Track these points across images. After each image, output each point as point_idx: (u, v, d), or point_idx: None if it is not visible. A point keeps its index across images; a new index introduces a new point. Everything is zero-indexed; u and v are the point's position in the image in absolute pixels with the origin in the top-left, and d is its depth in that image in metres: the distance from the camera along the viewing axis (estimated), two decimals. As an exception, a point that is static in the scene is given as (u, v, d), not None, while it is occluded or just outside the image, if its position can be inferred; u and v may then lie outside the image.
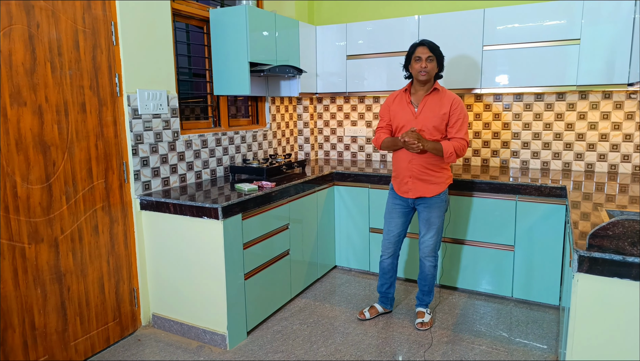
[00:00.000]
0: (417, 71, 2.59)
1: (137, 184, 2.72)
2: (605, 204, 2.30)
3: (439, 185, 2.68)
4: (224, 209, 2.47)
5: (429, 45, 2.57)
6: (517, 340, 2.65)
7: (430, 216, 2.72)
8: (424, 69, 2.56)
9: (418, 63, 2.58)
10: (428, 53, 2.56)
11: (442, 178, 2.69)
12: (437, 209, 2.71)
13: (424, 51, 2.57)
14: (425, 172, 2.65)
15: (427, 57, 2.56)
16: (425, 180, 2.66)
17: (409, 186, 2.70)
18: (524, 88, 3.18)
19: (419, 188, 2.68)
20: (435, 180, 2.67)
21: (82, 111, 2.41)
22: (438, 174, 2.67)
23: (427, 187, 2.67)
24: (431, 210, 2.71)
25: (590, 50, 2.92)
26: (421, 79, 2.60)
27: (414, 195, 2.70)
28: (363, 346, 2.61)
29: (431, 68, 2.58)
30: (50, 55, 2.24)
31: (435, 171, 2.66)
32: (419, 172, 2.66)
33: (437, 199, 2.70)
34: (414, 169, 2.66)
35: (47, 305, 2.32)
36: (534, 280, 3.02)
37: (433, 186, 2.67)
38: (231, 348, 2.61)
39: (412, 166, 2.66)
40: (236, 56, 3.07)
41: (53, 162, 2.29)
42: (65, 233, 2.38)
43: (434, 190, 2.68)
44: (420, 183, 2.67)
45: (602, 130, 3.28)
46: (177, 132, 2.95)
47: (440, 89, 2.65)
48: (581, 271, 1.59)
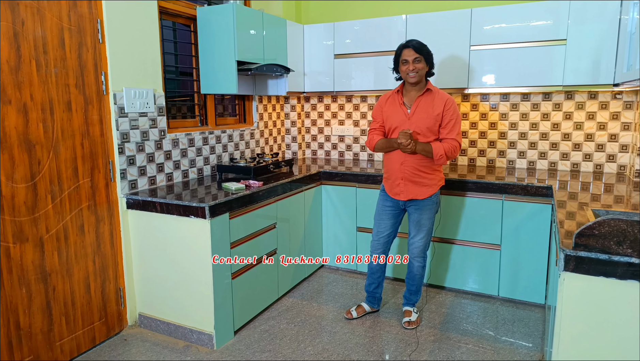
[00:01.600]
0: (405, 74, 2.59)
1: (124, 183, 2.70)
2: (590, 204, 2.34)
3: (431, 187, 2.68)
4: (211, 209, 2.47)
5: (415, 47, 2.55)
6: (504, 339, 2.69)
7: (421, 218, 2.72)
8: (412, 71, 2.55)
9: (405, 66, 2.58)
10: (414, 54, 2.54)
11: (434, 180, 2.69)
12: (428, 211, 2.72)
13: (410, 53, 2.55)
14: (418, 174, 2.64)
15: (414, 59, 2.55)
16: (417, 182, 2.66)
17: (401, 188, 2.69)
18: (510, 88, 3.22)
19: (411, 190, 2.67)
20: (428, 182, 2.67)
21: (67, 110, 2.39)
22: (430, 176, 2.67)
23: (419, 189, 2.67)
24: (422, 212, 2.71)
25: (576, 50, 2.97)
26: (411, 81, 2.59)
27: (406, 197, 2.69)
28: (350, 345, 2.64)
29: (420, 69, 2.56)
30: (35, 53, 2.21)
31: (427, 173, 2.65)
32: (411, 175, 2.65)
33: (429, 201, 2.70)
34: (406, 171, 2.65)
35: (32, 304, 2.30)
36: (520, 279, 3.07)
37: (425, 188, 2.67)
38: (218, 347, 2.61)
39: (404, 168, 2.65)
40: (223, 55, 3.07)
41: (38, 161, 2.27)
42: (50, 233, 2.35)
43: (426, 192, 2.67)
44: (412, 185, 2.66)
45: (588, 130, 3.34)
46: (163, 131, 2.94)
47: (433, 90, 2.64)
48: (567, 270, 1.60)
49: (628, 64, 2.59)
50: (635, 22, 2.52)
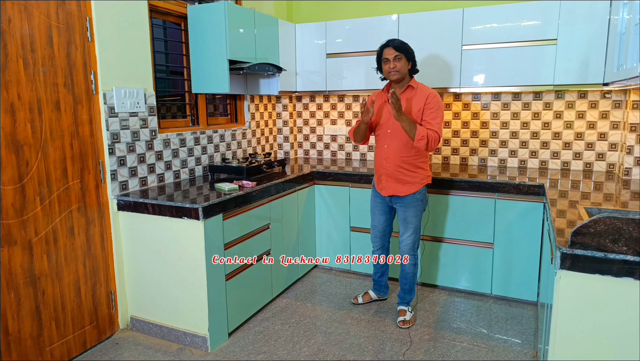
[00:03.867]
0: (387, 72, 2.64)
1: (114, 184, 2.66)
2: (582, 202, 2.36)
3: (413, 185, 2.70)
4: (205, 210, 2.43)
5: (394, 45, 2.60)
6: (497, 336, 2.70)
7: (407, 215, 2.76)
8: (393, 69, 2.61)
9: (387, 64, 2.63)
10: (394, 53, 2.59)
11: (417, 178, 2.70)
12: (412, 208, 2.74)
13: (390, 52, 2.60)
14: (399, 170, 2.68)
15: (394, 57, 2.59)
16: (398, 179, 2.70)
17: (383, 184, 2.76)
18: (501, 87, 3.24)
19: (392, 186, 2.72)
20: (410, 180, 2.69)
21: (56, 109, 2.34)
22: (412, 173, 2.69)
23: (400, 186, 2.71)
24: (407, 209, 2.75)
25: (566, 50, 2.99)
26: (393, 79, 2.64)
27: (387, 193, 2.76)
28: (345, 345, 2.62)
29: (401, 66, 2.60)
30: (22, 52, 2.16)
31: (409, 170, 2.68)
32: (392, 171, 2.69)
33: (412, 199, 2.72)
34: (388, 167, 2.71)
35: (21, 309, 2.24)
36: (513, 277, 3.09)
37: (407, 185, 2.70)
38: (212, 350, 2.58)
39: (387, 164, 2.71)
40: (215, 54, 3.03)
41: (26, 162, 2.22)
42: (39, 235, 2.30)
43: (407, 190, 2.70)
44: (393, 181, 2.71)
45: (578, 129, 3.37)
46: (154, 131, 2.89)
47: (416, 86, 2.68)
48: (563, 268, 1.61)
49: (618, 64, 2.62)
50: (625, 22, 2.56)
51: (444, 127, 3.77)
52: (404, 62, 2.62)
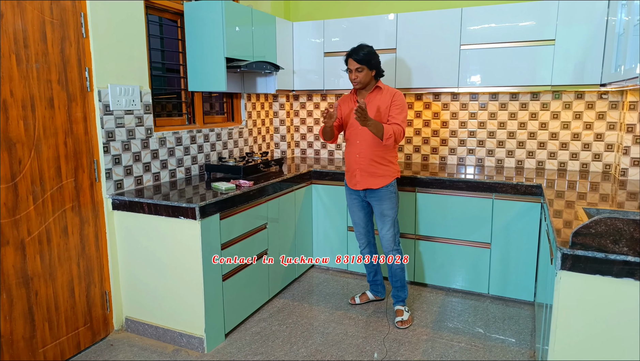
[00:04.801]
0: (351, 80, 2.76)
1: (109, 183, 2.62)
2: (579, 202, 2.36)
3: (385, 177, 2.79)
4: (202, 209, 2.40)
5: (356, 58, 2.68)
6: (495, 336, 2.69)
7: (383, 209, 2.81)
8: (355, 80, 2.73)
9: (350, 74, 2.74)
10: (356, 65, 2.69)
11: (389, 171, 2.80)
12: (387, 201, 2.80)
13: (352, 64, 2.71)
14: (373, 165, 2.77)
15: (356, 69, 2.70)
16: (372, 172, 2.78)
17: (357, 178, 2.82)
18: (499, 87, 3.23)
19: (366, 180, 2.79)
20: (382, 173, 2.78)
21: (50, 107, 2.29)
22: (385, 167, 2.79)
23: (374, 180, 2.78)
24: (382, 202, 2.81)
25: (564, 50, 2.99)
26: (356, 87, 2.78)
27: (362, 187, 2.82)
28: (344, 346, 2.60)
29: (362, 77, 2.71)
30: (15, 47, 2.11)
31: (382, 164, 2.78)
32: (366, 165, 2.77)
33: (386, 191, 2.79)
34: (361, 162, 2.78)
35: (14, 310, 2.20)
36: (510, 277, 3.08)
37: (380, 178, 2.78)
38: (209, 351, 2.55)
39: (360, 159, 2.78)
40: (212, 51, 3.00)
41: (19, 160, 2.17)
42: (32, 235, 2.26)
43: (380, 182, 2.78)
44: (367, 175, 2.79)
45: (574, 129, 3.37)
46: (150, 129, 2.85)
47: (382, 87, 2.78)
48: (564, 268, 1.61)
49: (616, 65, 2.62)
50: (623, 23, 2.55)
51: (441, 127, 3.77)
52: (366, 72, 2.71)
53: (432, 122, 3.79)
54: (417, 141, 3.87)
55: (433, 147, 3.83)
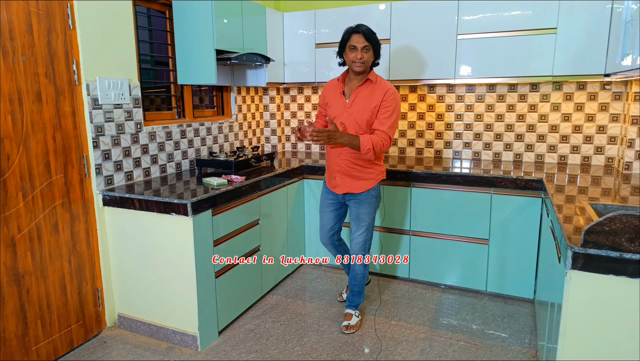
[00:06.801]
0: (351, 61, 2.42)
1: (99, 178, 2.57)
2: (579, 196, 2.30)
3: (368, 181, 2.56)
4: (194, 205, 2.37)
5: (365, 33, 2.37)
6: (495, 335, 2.65)
7: (360, 213, 2.60)
8: (360, 60, 2.39)
9: (353, 53, 2.39)
10: (364, 42, 2.37)
11: (372, 174, 2.57)
12: (366, 206, 2.59)
13: (360, 40, 2.37)
14: (354, 167, 2.53)
15: (363, 47, 2.38)
16: (353, 176, 2.55)
17: (337, 181, 2.60)
18: (498, 78, 3.15)
19: (347, 183, 2.57)
20: (365, 176, 2.55)
21: (37, 101, 2.23)
22: (368, 169, 2.55)
23: (355, 183, 2.56)
24: (360, 206, 2.60)
25: (566, 39, 2.90)
26: (356, 70, 2.43)
27: (342, 191, 2.60)
28: (339, 344, 2.58)
29: (367, 58, 2.40)
30: (1, 40, 2.05)
31: (364, 166, 2.53)
32: (347, 168, 2.54)
33: (367, 195, 2.58)
34: (342, 164, 2.54)
35: (5, 308, 2.16)
36: (509, 274, 3.04)
37: (362, 182, 2.56)
38: (203, 348, 2.53)
39: (340, 160, 2.54)
40: (201, 43, 2.94)
41: (7, 156, 2.11)
42: (22, 232, 2.21)
43: (362, 186, 2.56)
44: (348, 178, 2.56)
45: (576, 122, 3.30)
46: (140, 123, 2.80)
47: (374, 80, 2.47)
48: (575, 268, 1.54)
49: (622, 54, 2.50)
50: (631, 10, 2.44)
51: (436, 120, 3.73)
52: (371, 54, 2.42)
53: (427, 114, 3.76)
54: (411, 135, 3.85)
55: (428, 141, 3.80)
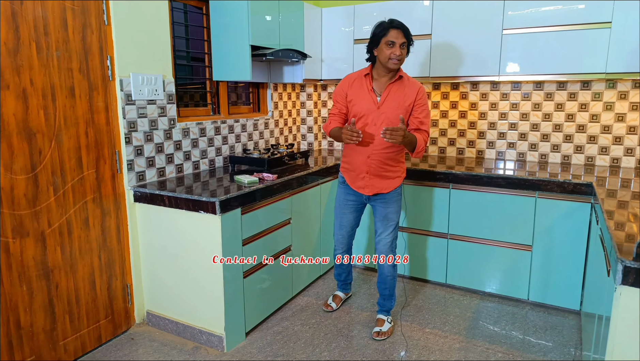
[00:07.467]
0: (387, 58, 2.32)
1: (131, 174, 2.56)
2: (632, 202, 2.14)
3: (395, 180, 2.51)
4: (222, 204, 2.30)
5: (404, 30, 2.31)
6: (536, 348, 2.48)
7: (388, 212, 2.53)
8: (398, 57, 2.30)
9: (390, 49, 2.30)
10: (403, 39, 2.30)
11: (399, 172, 2.53)
12: (394, 204, 2.53)
13: (399, 36, 2.29)
14: (384, 167, 2.47)
15: (401, 44, 2.30)
16: (382, 176, 2.48)
17: (366, 182, 2.51)
18: (545, 76, 2.95)
19: (376, 184, 2.49)
20: (393, 175, 2.50)
21: (70, 96, 2.24)
22: (395, 168, 2.50)
23: (384, 182, 2.50)
24: (388, 205, 2.52)
25: (621, 34, 2.69)
26: (392, 67, 2.34)
27: (371, 192, 2.51)
28: (369, 351, 2.46)
29: (404, 56, 2.34)
30: (35, 35, 2.06)
31: (392, 165, 2.48)
32: (377, 168, 2.46)
33: (394, 194, 2.53)
34: (372, 165, 2.46)
35: (34, 302, 2.17)
36: (553, 283, 2.84)
37: (390, 181, 2.50)
38: (228, 350, 2.47)
39: (370, 161, 2.46)
40: (236, 39, 2.89)
41: (39, 150, 2.13)
42: (52, 227, 2.22)
43: (391, 185, 2.50)
44: (377, 179, 2.49)
45: (631, 122, 3.05)
46: (173, 119, 2.78)
47: (404, 77, 2.42)
48: (625, 283, 1.42)
49: None
50: None
51: (480, 119, 3.54)
52: (406, 51, 2.36)
53: (469, 113, 3.56)
54: (452, 134, 3.66)
55: (469, 141, 3.60)
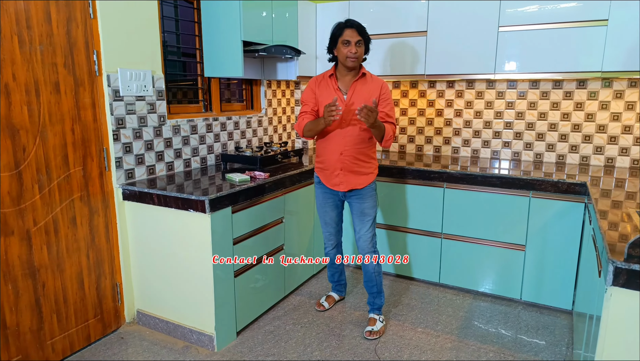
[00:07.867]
0: (345, 56, 2.38)
1: (119, 172, 2.51)
2: (626, 202, 2.11)
3: (369, 175, 2.55)
4: (212, 202, 2.26)
5: (358, 28, 2.37)
6: (528, 347, 2.46)
7: (364, 207, 2.55)
8: (354, 55, 2.36)
9: (347, 47, 2.37)
10: (357, 37, 2.35)
11: (372, 168, 2.56)
12: (369, 200, 2.55)
13: (353, 35, 2.35)
14: (357, 163, 2.50)
15: (356, 42, 2.36)
16: (356, 171, 2.51)
17: (340, 178, 2.53)
18: (541, 74, 2.92)
19: (351, 180, 2.52)
20: (366, 170, 2.53)
21: (55, 92, 2.19)
22: (368, 164, 2.54)
23: (358, 178, 2.52)
24: (364, 201, 2.55)
25: (618, 32, 2.65)
26: (350, 65, 2.40)
27: (346, 188, 2.53)
28: (360, 350, 2.43)
29: (360, 53, 2.39)
30: (17, 28, 2.01)
31: (365, 161, 2.52)
32: (350, 164, 2.49)
33: (369, 189, 2.55)
34: (345, 161, 2.49)
35: (20, 302, 2.13)
36: (545, 282, 2.82)
37: (364, 177, 2.53)
38: (219, 349, 2.43)
39: (344, 158, 2.48)
40: (228, 35, 2.84)
41: (23, 147, 2.08)
42: (38, 225, 2.18)
43: (365, 181, 2.53)
44: (351, 175, 2.51)
45: (626, 121, 3.02)
46: (163, 116, 2.73)
47: (367, 74, 2.48)
48: (616, 285, 1.39)
49: None
50: None
51: (475, 118, 3.50)
52: (363, 49, 2.41)
53: (465, 112, 3.53)
54: (447, 132, 3.62)
55: (465, 140, 3.56)
